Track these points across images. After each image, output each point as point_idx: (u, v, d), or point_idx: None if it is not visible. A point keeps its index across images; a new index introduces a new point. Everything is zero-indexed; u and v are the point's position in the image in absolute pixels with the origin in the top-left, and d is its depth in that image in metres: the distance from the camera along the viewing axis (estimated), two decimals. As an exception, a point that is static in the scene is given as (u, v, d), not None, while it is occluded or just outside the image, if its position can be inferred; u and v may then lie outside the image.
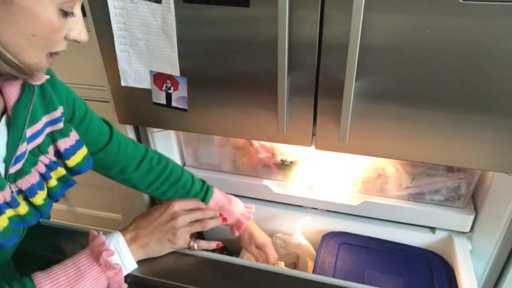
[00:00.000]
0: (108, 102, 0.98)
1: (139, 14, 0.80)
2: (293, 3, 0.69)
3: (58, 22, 0.53)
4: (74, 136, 0.73)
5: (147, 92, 0.90)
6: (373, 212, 1.08)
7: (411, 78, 0.72)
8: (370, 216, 1.09)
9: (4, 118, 0.62)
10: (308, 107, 0.81)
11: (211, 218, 0.82)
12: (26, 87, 0.63)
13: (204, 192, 0.96)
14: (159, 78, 0.88)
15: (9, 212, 0.63)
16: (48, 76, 0.67)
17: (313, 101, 0.80)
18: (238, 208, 0.99)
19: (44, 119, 0.68)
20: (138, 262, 0.72)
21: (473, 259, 0.98)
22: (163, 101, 0.91)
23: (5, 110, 0.63)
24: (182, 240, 0.76)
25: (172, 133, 1.13)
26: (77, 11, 0.56)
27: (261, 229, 1.04)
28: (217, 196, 0.97)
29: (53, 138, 0.70)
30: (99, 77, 0.95)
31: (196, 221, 0.79)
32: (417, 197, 1.04)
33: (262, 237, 1.02)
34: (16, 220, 0.64)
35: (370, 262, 1.02)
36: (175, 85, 0.87)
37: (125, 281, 0.69)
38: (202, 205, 0.82)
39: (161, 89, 0.89)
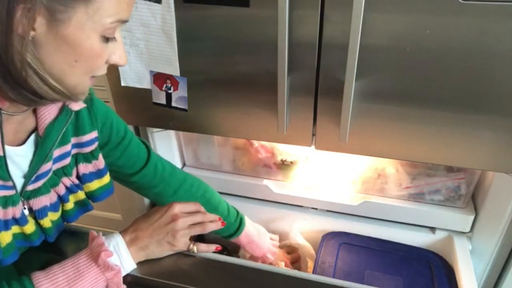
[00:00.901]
0: (108, 102, 0.98)
1: (139, 14, 0.80)
2: (293, 3, 0.69)
3: (100, 48, 0.53)
4: (98, 164, 0.73)
5: (147, 92, 0.90)
6: (373, 212, 1.08)
7: (411, 78, 0.72)
8: (370, 216, 1.09)
9: (33, 137, 0.62)
10: (308, 107, 0.81)
11: (211, 221, 0.82)
12: (64, 110, 0.64)
13: (237, 224, 0.96)
14: (159, 78, 0.88)
15: (15, 229, 0.63)
16: (85, 105, 0.67)
17: (313, 101, 0.80)
18: (265, 242, 1.02)
19: (73, 141, 0.68)
20: (137, 262, 0.72)
21: (473, 259, 0.98)
22: (163, 101, 0.90)
23: (35, 129, 0.63)
24: (182, 242, 0.76)
25: (172, 133, 1.13)
26: (118, 35, 0.56)
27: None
28: (249, 229, 0.98)
29: (76, 160, 0.71)
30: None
31: (196, 224, 0.79)
32: (417, 197, 1.04)
33: (260, 250, 1.02)
34: (20, 238, 0.64)
35: (370, 262, 1.02)
36: (175, 85, 0.87)
37: (125, 281, 0.69)
38: (202, 208, 0.83)
39: (161, 89, 0.89)
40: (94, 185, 0.73)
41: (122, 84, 0.91)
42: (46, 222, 0.66)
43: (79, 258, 0.66)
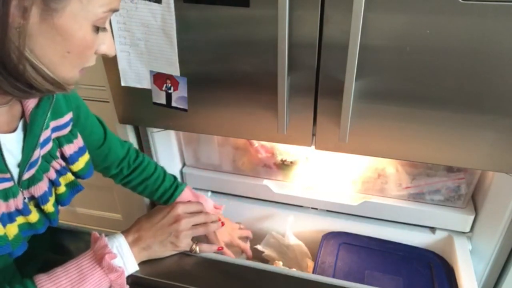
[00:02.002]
0: (108, 102, 0.98)
1: (139, 14, 0.80)
2: (293, 3, 0.69)
3: (92, 38, 0.53)
4: (78, 142, 0.74)
5: (147, 92, 0.90)
6: (373, 212, 1.08)
7: (411, 78, 0.72)
8: (370, 216, 1.09)
9: (21, 124, 0.63)
10: (308, 107, 0.81)
11: (213, 221, 0.82)
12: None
13: (172, 190, 0.96)
14: (159, 78, 0.88)
15: (20, 220, 0.63)
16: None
17: (313, 101, 0.80)
18: (207, 207, 0.98)
19: (52, 125, 0.69)
20: (139, 262, 0.72)
21: (473, 259, 0.98)
22: (163, 101, 0.90)
23: (22, 115, 0.63)
24: (185, 243, 0.76)
25: (172, 133, 1.13)
26: (107, 25, 0.56)
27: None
28: (186, 194, 0.98)
29: (59, 143, 0.71)
30: (99, 77, 0.95)
31: (199, 224, 0.79)
32: (417, 197, 1.04)
33: (224, 237, 1.00)
34: (25, 228, 0.65)
35: (370, 262, 1.02)
36: (175, 85, 0.87)
37: (127, 282, 0.69)
38: (204, 208, 0.83)
39: (161, 89, 0.89)
40: (81, 163, 0.74)
41: (122, 84, 0.91)
42: (49, 207, 0.67)
43: (83, 260, 0.66)
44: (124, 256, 0.69)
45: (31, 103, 0.63)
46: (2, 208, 0.59)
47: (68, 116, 0.72)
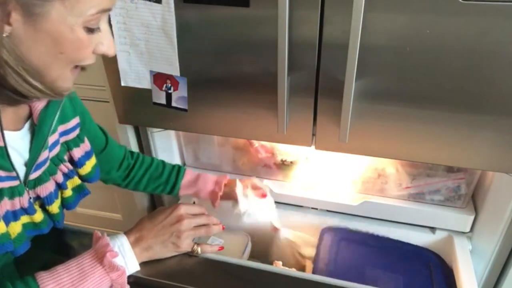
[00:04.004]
0: (108, 102, 0.98)
1: (139, 14, 0.80)
2: (293, 3, 0.69)
3: (86, 39, 0.53)
4: (85, 147, 0.75)
5: (147, 92, 0.90)
6: (373, 212, 1.08)
7: (411, 78, 0.72)
8: (370, 216, 1.09)
9: (27, 124, 0.63)
10: (308, 107, 0.81)
11: (215, 224, 0.82)
12: None
13: (176, 171, 0.96)
14: (159, 78, 0.88)
15: (24, 219, 0.63)
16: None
17: (313, 101, 0.80)
18: (212, 179, 0.99)
19: (59, 129, 0.69)
20: (140, 263, 0.72)
21: (473, 259, 0.98)
22: (163, 101, 0.90)
23: (29, 116, 0.63)
24: (186, 243, 0.76)
25: (172, 133, 1.13)
26: (104, 25, 0.55)
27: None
28: (189, 174, 0.97)
29: (67, 147, 0.72)
30: (99, 77, 0.95)
31: (201, 226, 0.80)
32: (417, 197, 1.04)
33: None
34: (30, 227, 0.65)
35: (370, 259, 1.02)
36: (175, 85, 0.87)
37: (127, 282, 0.69)
38: (206, 211, 0.83)
39: (161, 89, 0.89)
40: (88, 166, 0.75)
41: (122, 84, 0.91)
42: (54, 208, 0.68)
43: (84, 259, 0.66)
44: (126, 256, 0.69)
45: (39, 105, 0.63)
46: (7, 205, 0.60)
47: (75, 121, 0.73)
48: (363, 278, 0.97)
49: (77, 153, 0.73)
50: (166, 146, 1.13)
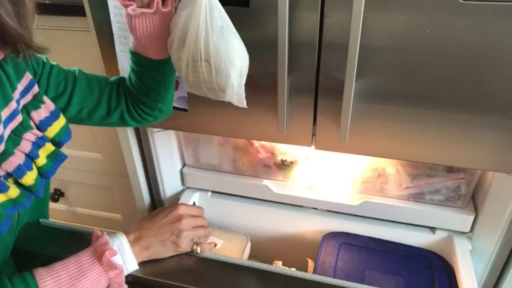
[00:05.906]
0: (108, 102, 0.98)
1: (139, 14, 0.80)
2: (293, 3, 0.69)
3: None
4: (48, 106, 0.70)
5: (147, 92, 0.90)
6: (373, 212, 1.08)
7: (411, 78, 0.72)
8: (370, 216, 1.09)
9: None
10: (308, 107, 0.81)
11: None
12: None
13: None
14: (159, 78, 0.87)
15: (0, 197, 0.61)
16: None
17: (313, 101, 0.80)
18: None
19: (19, 88, 0.65)
20: (139, 262, 0.72)
21: (473, 259, 0.98)
22: (163, 101, 0.90)
23: None
24: (186, 243, 0.76)
25: (172, 133, 1.13)
26: None
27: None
28: None
29: (27, 111, 0.67)
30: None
31: (200, 226, 0.80)
32: (417, 197, 1.04)
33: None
34: (9, 205, 0.63)
35: (371, 262, 1.02)
36: (175, 85, 0.87)
37: (126, 281, 0.69)
38: (203, 213, 0.83)
39: (161, 89, 0.89)
40: (56, 127, 0.70)
41: (122, 84, 0.91)
42: (29, 180, 0.65)
43: (83, 256, 0.66)
44: (125, 255, 0.69)
45: None
46: None
47: (26, 79, 0.67)
48: (364, 281, 0.97)
49: (37, 115, 0.68)
50: (166, 146, 1.13)
